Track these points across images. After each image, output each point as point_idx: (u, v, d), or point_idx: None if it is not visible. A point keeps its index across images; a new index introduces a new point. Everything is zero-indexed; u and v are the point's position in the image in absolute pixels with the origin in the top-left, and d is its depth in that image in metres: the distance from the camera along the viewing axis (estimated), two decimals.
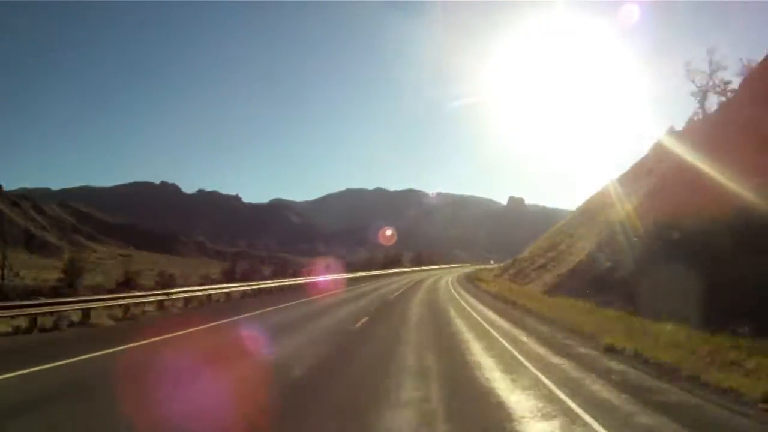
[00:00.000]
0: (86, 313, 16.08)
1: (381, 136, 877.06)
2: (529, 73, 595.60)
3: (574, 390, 7.96)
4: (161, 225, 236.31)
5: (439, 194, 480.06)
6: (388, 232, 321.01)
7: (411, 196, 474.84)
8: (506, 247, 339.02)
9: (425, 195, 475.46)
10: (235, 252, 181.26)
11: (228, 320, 17.76)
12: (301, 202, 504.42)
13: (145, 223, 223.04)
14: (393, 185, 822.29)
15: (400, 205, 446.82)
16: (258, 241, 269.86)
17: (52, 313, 15.08)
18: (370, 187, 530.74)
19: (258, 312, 20.52)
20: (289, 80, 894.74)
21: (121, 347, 11.68)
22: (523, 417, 6.51)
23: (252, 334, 13.93)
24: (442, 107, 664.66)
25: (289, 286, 36.71)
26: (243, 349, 12.07)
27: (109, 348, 11.46)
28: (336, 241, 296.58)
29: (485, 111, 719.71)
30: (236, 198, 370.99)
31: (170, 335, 13.54)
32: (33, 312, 14.37)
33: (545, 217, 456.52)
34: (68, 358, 10.14)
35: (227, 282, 32.18)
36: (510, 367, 9.90)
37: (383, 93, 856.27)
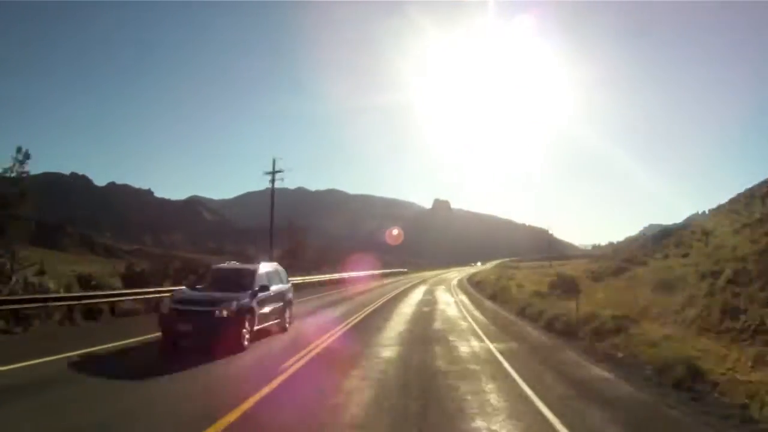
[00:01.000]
0: None
1: (303, 135, 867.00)
2: (453, 78, 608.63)
3: None
4: (65, 218, 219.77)
5: (361, 196, 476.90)
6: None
7: (332, 196, 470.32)
8: (433, 251, 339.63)
9: (346, 194, 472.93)
10: (133, 249, 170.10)
11: None
12: (219, 200, 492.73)
13: (49, 216, 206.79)
14: (314, 185, 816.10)
15: (322, 205, 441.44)
16: (166, 237, 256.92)
17: None
18: (291, 186, 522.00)
19: None
20: (212, 77, 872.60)
21: None
22: None
23: None
24: (366, 109, 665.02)
25: None
26: None
27: None
28: (248, 240, 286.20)
29: (411, 114, 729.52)
30: (148, 192, 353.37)
31: None
32: None
33: (474, 222, 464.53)
34: None
35: None
36: None
37: (306, 92, 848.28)
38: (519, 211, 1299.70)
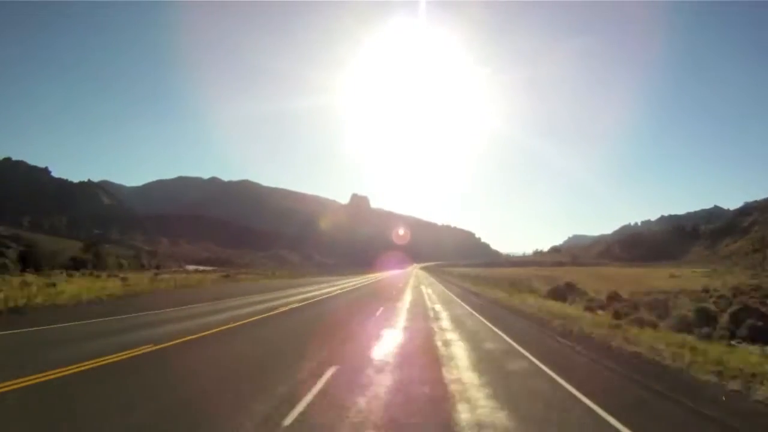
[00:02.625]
0: None
1: (219, 125, 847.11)
2: (378, 80, 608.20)
3: None
4: None
5: (274, 189, 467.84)
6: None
7: (245, 186, 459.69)
8: (348, 249, 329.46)
9: (260, 186, 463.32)
10: None
11: None
12: (130, 187, 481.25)
13: None
14: (228, 175, 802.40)
15: (234, 195, 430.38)
16: (49, 220, 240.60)
17: None
18: (206, 175, 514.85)
19: None
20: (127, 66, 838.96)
21: None
22: None
23: None
24: (285, 104, 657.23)
25: None
26: None
27: None
28: (142, 228, 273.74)
29: (333, 112, 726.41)
30: (44, 171, 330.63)
31: None
32: None
33: (394, 221, 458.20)
34: None
35: None
36: None
37: (224, 85, 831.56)
38: (441, 214, 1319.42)
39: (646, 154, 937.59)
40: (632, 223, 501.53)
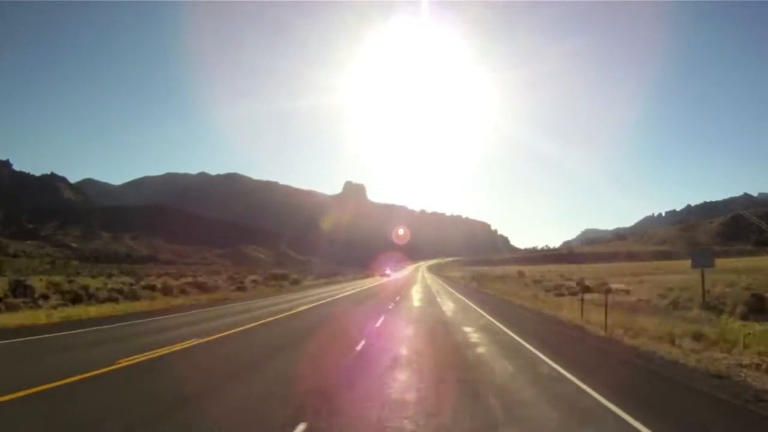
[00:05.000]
0: None
1: (211, 121, 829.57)
2: (382, 77, 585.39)
3: None
4: None
5: (265, 183, 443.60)
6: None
7: (233, 180, 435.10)
8: (338, 245, 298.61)
9: (249, 180, 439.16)
10: None
11: None
12: (115, 185, 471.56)
13: None
14: (216, 169, 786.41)
15: (222, 189, 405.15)
16: None
17: None
18: (193, 171, 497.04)
19: None
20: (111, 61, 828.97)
21: None
22: None
23: None
24: (287, 102, 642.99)
25: None
26: None
27: None
28: (87, 223, 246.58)
29: (335, 109, 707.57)
30: (5, 164, 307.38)
31: None
32: None
33: (390, 211, 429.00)
34: None
35: None
36: None
37: (219, 82, 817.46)
38: (451, 205, 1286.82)
39: (658, 148, 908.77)
40: (655, 214, 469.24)
